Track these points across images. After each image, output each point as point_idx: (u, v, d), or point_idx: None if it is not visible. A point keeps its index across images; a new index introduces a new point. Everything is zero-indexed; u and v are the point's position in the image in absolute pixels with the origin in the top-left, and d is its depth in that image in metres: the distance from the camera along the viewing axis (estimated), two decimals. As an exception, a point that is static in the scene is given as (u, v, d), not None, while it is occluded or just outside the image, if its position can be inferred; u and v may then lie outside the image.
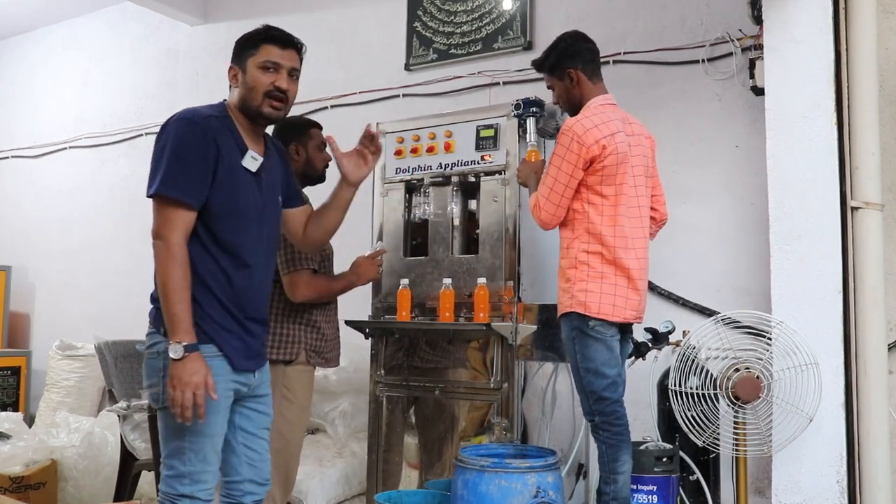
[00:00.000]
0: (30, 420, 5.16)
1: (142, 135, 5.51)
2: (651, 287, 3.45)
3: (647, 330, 2.92)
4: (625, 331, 2.62)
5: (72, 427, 4.14)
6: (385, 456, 3.24)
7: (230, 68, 2.19)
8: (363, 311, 3.31)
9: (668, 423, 2.90)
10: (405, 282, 3.12)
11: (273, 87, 2.12)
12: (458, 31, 4.33)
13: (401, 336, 3.23)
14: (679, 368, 2.68)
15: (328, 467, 3.52)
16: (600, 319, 2.49)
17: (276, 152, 2.29)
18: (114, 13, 5.93)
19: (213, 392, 1.95)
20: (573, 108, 2.68)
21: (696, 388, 2.66)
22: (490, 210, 3.09)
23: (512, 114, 3.06)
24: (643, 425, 3.18)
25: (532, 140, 2.99)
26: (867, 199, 2.70)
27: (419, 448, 3.34)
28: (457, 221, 3.22)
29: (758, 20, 3.03)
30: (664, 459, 2.77)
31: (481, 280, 2.98)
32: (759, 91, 3.11)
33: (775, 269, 2.77)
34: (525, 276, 3.06)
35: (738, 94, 3.48)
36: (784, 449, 2.64)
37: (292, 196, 2.34)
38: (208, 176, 2.02)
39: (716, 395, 2.65)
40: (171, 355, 1.92)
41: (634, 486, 2.68)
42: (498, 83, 4.14)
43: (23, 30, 6.40)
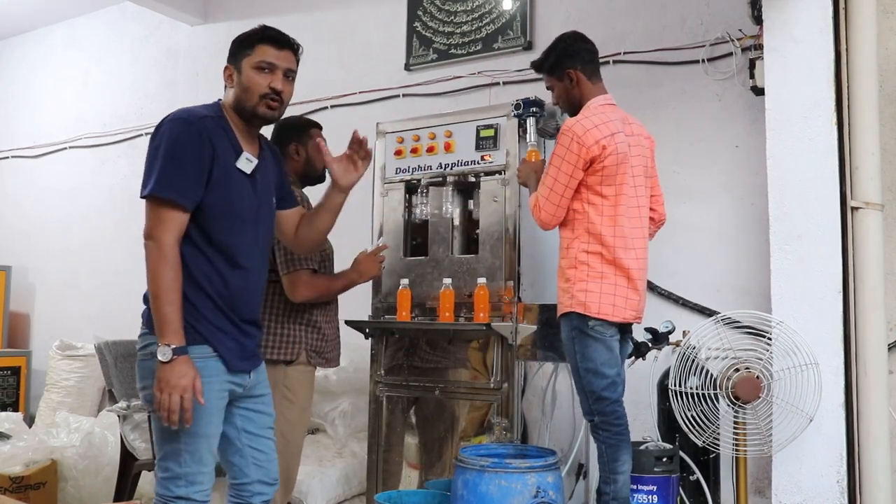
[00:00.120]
0: (30, 420, 5.15)
1: (142, 135, 5.51)
2: (651, 287, 3.45)
3: (647, 330, 2.92)
4: (624, 331, 2.62)
5: (72, 427, 4.13)
6: (385, 456, 3.24)
7: (225, 68, 2.16)
8: (363, 311, 3.31)
9: (668, 423, 2.90)
10: (405, 282, 3.12)
11: (268, 88, 2.10)
12: (458, 31, 4.33)
13: (401, 336, 3.23)
14: (679, 368, 2.67)
15: (328, 467, 3.52)
16: (600, 319, 2.49)
17: (270, 153, 2.27)
18: (114, 13, 5.93)
19: (201, 396, 1.92)
20: (573, 108, 2.68)
21: (696, 388, 2.66)
22: (490, 210, 3.09)
23: (512, 114, 3.06)
24: (643, 425, 3.18)
25: (532, 140, 2.99)
26: (867, 199, 2.70)
27: (419, 448, 3.34)
28: (457, 221, 3.23)
29: (758, 20, 3.03)
30: (664, 459, 2.77)
31: (481, 280, 2.98)
32: (759, 91, 3.11)
33: (775, 269, 2.77)
34: (525, 276, 3.06)
35: (738, 94, 3.47)
36: (784, 449, 2.64)
37: (285, 197, 2.32)
38: (203, 177, 2.00)
39: (716, 395, 2.65)
40: (158, 357, 1.90)
41: (634, 486, 2.68)
42: (498, 83, 4.14)
43: (23, 30, 6.40)
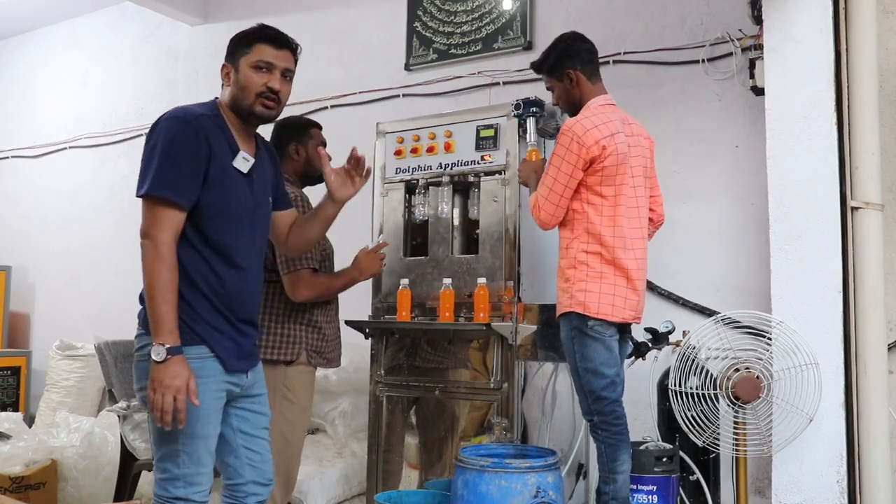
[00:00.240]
0: (30, 420, 5.15)
1: (142, 135, 5.48)
2: (651, 287, 3.45)
3: (647, 330, 2.92)
4: (623, 331, 2.63)
5: (72, 427, 4.13)
6: (385, 456, 3.24)
7: (223, 66, 2.15)
8: (363, 311, 3.30)
9: (668, 423, 2.90)
10: (405, 282, 3.11)
11: (265, 87, 2.09)
12: (458, 31, 4.33)
13: (401, 336, 3.23)
14: (679, 368, 2.67)
15: (328, 467, 3.52)
16: (599, 319, 2.49)
17: (267, 153, 2.26)
18: (114, 13, 5.93)
19: (195, 397, 1.90)
20: (573, 108, 2.68)
21: (696, 388, 2.65)
22: (490, 210, 3.09)
23: (512, 114, 3.06)
24: (643, 425, 3.18)
25: (532, 140, 2.99)
26: (867, 199, 2.70)
27: (419, 448, 3.34)
28: (457, 221, 3.23)
29: (758, 20, 3.03)
30: (664, 459, 2.77)
31: (481, 280, 2.98)
32: (759, 91, 3.11)
33: (775, 269, 2.77)
34: (525, 276, 3.06)
35: (738, 94, 3.47)
36: (784, 449, 2.64)
37: (280, 198, 2.31)
38: (200, 175, 1.99)
39: (716, 395, 2.65)
40: (153, 357, 1.88)
41: (634, 486, 2.68)
42: (498, 83, 4.14)
43: (23, 30, 6.40)
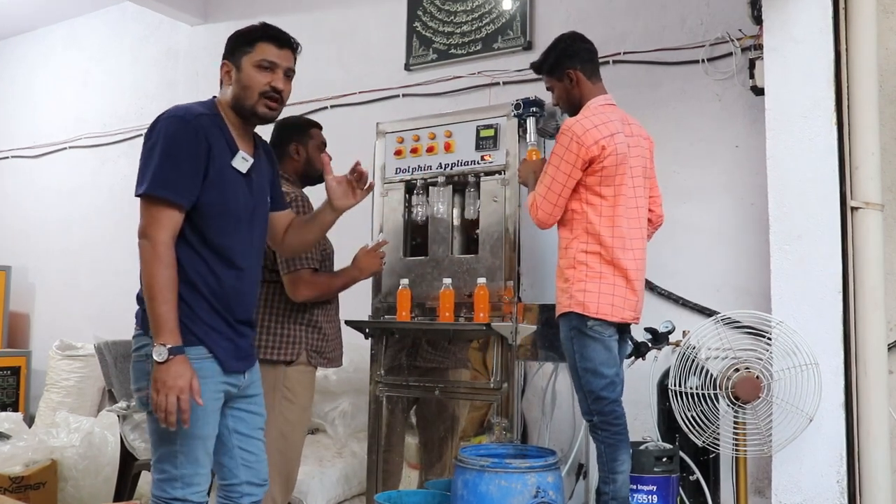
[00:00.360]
0: (30, 420, 5.15)
1: (142, 135, 5.38)
2: (651, 287, 3.45)
3: (647, 330, 2.92)
4: (623, 331, 2.62)
5: (72, 427, 4.13)
6: (385, 456, 3.24)
7: (223, 64, 2.14)
8: (363, 311, 3.30)
9: (668, 423, 2.89)
10: (405, 282, 3.11)
11: (269, 86, 2.08)
12: (458, 31, 4.33)
13: (401, 336, 3.23)
14: (679, 368, 2.67)
15: (328, 467, 3.52)
16: (599, 319, 2.49)
17: (265, 152, 2.25)
18: (114, 13, 5.93)
19: (199, 396, 1.89)
20: (573, 108, 2.68)
21: (696, 388, 2.66)
22: (490, 210, 3.09)
23: (512, 114, 3.06)
24: (643, 425, 3.18)
25: (532, 140, 2.99)
26: (867, 199, 2.70)
27: (419, 448, 3.33)
28: (457, 221, 3.22)
29: (758, 20, 3.03)
30: (664, 459, 2.77)
31: (481, 280, 2.98)
32: (759, 91, 3.11)
33: (775, 269, 2.77)
34: (525, 276, 3.05)
35: (738, 94, 3.47)
36: (784, 449, 2.64)
37: (277, 199, 2.30)
38: (200, 175, 1.98)
39: (716, 395, 2.65)
40: (154, 358, 1.87)
41: (634, 486, 2.68)
42: (498, 83, 4.14)
43: (23, 30, 6.40)
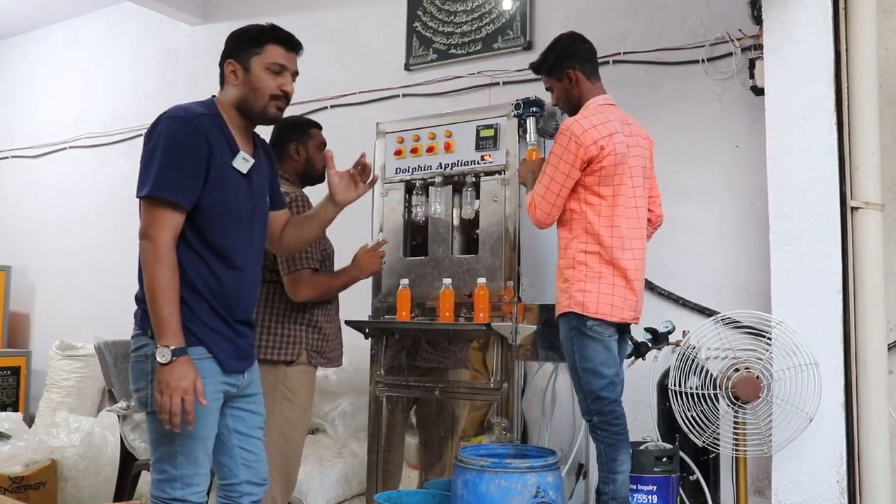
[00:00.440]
0: (30, 420, 5.15)
1: (142, 135, 5.39)
2: (651, 287, 3.45)
3: (647, 330, 2.92)
4: (622, 331, 2.62)
5: (72, 427, 4.13)
6: (385, 456, 3.24)
7: (228, 63, 2.13)
8: (363, 311, 3.30)
9: (668, 423, 2.89)
10: (405, 282, 3.11)
11: (279, 90, 2.10)
12: (458, 31, 4.33)
13: (401, 336, 3.23)
14: (679, 368, 2.67)
15: (328, 467, 3.52)
16: (598, 319, 2.49)
17: (264, 153, 2.25)
18: (114, 13, 5.93)
19: (202, 397, 1.90)
20: (572, 108, 2.68)
21: (696, 388, 2.65)
22: (490, 210, 3.09)
23: (512, 114, 3.06)
24: (643, 425, 3.18)
25: (532, 140, 2.99)
26: (867, 199, 2.70)
27: (419, 448, 3.33)
28: (457, 221, 3.22)
29: (758, 20, 3.03)
30: (664, 459, 2.77)
31: (481, 280, 2.98)
32: (759, 91, 3.11)
33: (775, 269, 2.77)
34: (525, 276, 3.05)
35: (738, 94, 3.47)
36: (784, 449, 2.64)
37: (275, 198, 2.30)
38: (201, 175, 1.97)
39: (716, 395, 2.64)
40: (158, 359, 1.87)
41: (634, 486, 2.68)
42: (498, 83, 4.13)
43: (23, 30, 6.40)
